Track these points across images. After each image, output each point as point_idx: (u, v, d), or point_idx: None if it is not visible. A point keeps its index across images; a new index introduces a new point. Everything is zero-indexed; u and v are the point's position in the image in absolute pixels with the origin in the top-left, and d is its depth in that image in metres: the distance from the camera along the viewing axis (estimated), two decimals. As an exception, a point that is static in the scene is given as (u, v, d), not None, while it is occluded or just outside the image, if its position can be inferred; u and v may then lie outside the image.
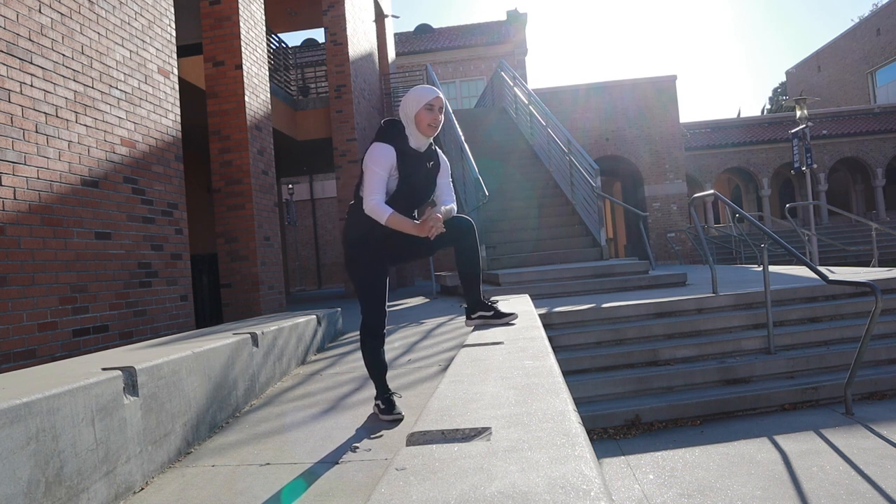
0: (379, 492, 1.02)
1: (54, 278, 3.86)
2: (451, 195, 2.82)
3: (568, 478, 0.99)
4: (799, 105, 13.97)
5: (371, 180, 2.55)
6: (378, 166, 2.55)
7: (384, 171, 2.56)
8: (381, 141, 2.61)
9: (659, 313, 5.61)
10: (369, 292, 2.67)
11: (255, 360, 3.24)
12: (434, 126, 2.62)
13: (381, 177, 2.55)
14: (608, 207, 21.88)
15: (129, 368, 2.12)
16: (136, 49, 4.96)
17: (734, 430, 4.30)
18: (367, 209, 2.55)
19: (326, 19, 11.37)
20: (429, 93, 2.61)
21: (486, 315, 2.97)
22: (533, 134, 11.76)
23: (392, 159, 2.57)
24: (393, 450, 2.22)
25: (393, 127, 2.65)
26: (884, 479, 3.27)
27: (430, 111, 2.60)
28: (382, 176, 2.55)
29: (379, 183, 2.55)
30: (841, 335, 5.37)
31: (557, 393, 1.56)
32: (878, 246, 9.46)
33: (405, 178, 2.62)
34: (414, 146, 2.65)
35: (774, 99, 42.92)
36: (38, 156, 3.79)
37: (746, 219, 5.80)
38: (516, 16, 23.25)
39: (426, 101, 2.60)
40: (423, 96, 2.61)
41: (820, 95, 27.66)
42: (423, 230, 2.46)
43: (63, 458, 1.70)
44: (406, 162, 2.61)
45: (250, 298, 7.07)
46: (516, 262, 8.50)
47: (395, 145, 2.60)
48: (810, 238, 11.70)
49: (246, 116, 7.12)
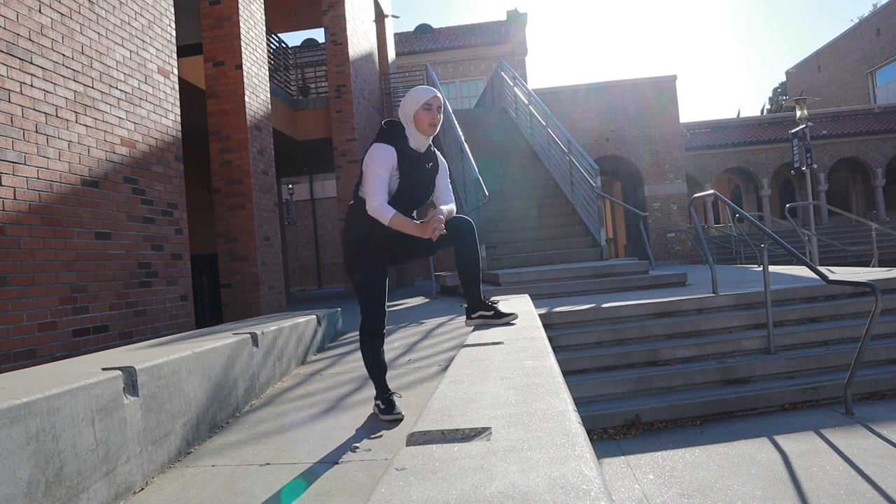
0: (379, 492, 1.02)
1: (54, 278, 3.86)
2: (450, 196, 2.83)
3: (568, 478, 0.99)
4: (799, 105, 13.97)
5: (373, 181, 2.56)
6: (379, 167, 2.56)
7: (385, 172, 2.57)
8: (382, 141, 2.62)
9: (659, 313, 5.61)
10: (369, 292, 2.67)
11: (255, 360, 3.24)
12: (434, 125, 2.63)
13: (383, 177, 2.56)
14: (608, 207, 21.87)
15: (129, 368, 2.12)
16: (136, 49, 4.96)
17: (734, 430, 4.30)
18: (370, 210, 2.55)
19: (326, 19, 11.37)
20: (426, 93, 2.63)
21: (487, 315, 2.97)
22: (533, 134, 11.76)
23: (393, 160, 2.58)
24: (393, 450, 2.22)
25: (393, 128, 2.66)
26: (884, 479, 3.27)
27: (428, 111, 2.61)
28: (384, 176, 2.56)
29: (381, 183, 2.56)
30: (841, 335, 5.37)
31: (557, 393, 1.56)
32: (878, 246, 9.45)
33: (405, 178, 2.63)
34: (414, 147, 2.66)
35: (774, 99, 42.93)
36: (38, 156, 3.79)
37: (746, 219, 5.80)
38: (516, 16, 23.25)
39: (424, 101, 2.61)
40: (421, 96, 2.62)
41: (820, 95, 27.66)
42: (426, 231, 2.47)
43: (63, 458, 1.70)
44: (406, 162, 2.62)
45: (250, 298, 7.06)
46: (516, 262, 8.50)
47: (395, 146, 2.61)
48: (810, 238, 11.70)
49: (246, 116, 7.12)
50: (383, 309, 2.70)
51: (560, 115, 14.49)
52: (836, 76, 28.08)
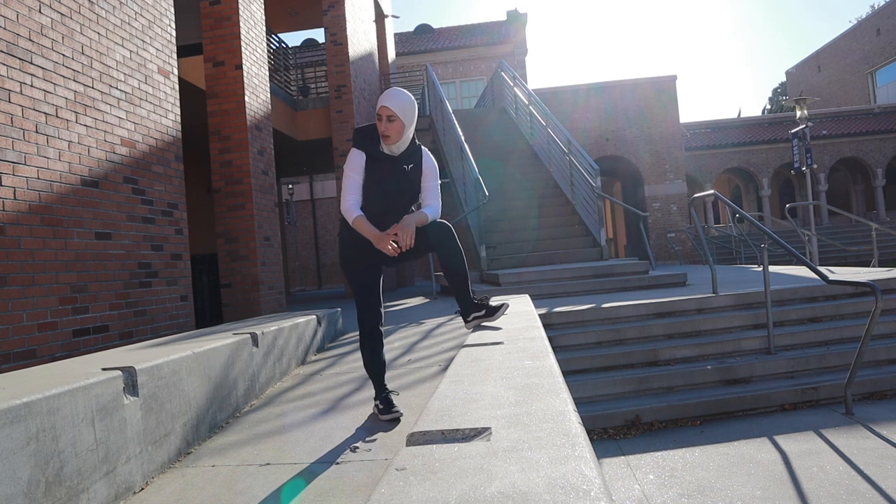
0: (379, 492, 1.02)
1: (54, 278, 3.86)
2: (434, 199, 2.77)
3: (568, 478, 0.99)
4: (799, 105, 13.97)
5: (346, 183, 2.66)
6: (351, 170, 2.64)
7: (357, 175, 2.64)
8: (353, 146, 2.69)
9: (659, 313, 5.61)
10: (363, 292, 2.70)
11: (255, 360, 3.24)
12: (385, 134, 2.60)
13: (355, 180, 2.64)
14: (608, 207, 21.88)
15: (129, 368, 2.12)
16: (136, 49, 4.96)
17: (734, 430, 4.30)
18: (342, 210, 2.65)
19: (326, 19, 11.38)
20: (380, 100, 2.61)
21: (479, 315, 2.98)
22: (533, 134, 11.76)
23: (362, 162, 2.64)
24: (393, 450, 2.22)
25: (361, 133, 2.68)
26: (884, 479, 3.27)
27: (380, 120, 2.61)
28: (356, 179, 2.64)
29: (353, 185, 2.64)
30: (841, 335, 5.37)
31: (557, 393, 1.56)
32: (878, 246, 9.45)
33: (375, 182, 2.65)
34: (387, 151, 2.67)
35: (774, 99, 42.94)
36: (38, 156, 3.79)
37: (746, 219, 5.80)
38: (516, 16, 23.25)
39: (377, 109, 2.61)
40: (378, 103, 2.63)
41: (820, 95, 27.65)
42: (381, 244, 2.51)
43: (63, 459, 1.70)
44: (375, 166, 2.65)
45: (250, 298, 7.07)
46: (516, 262, 8.50)
47: (364, 150, 2.65)
48: (810, 238, 11.70)
49: (246, 116, 7.12)
50: (378, 309, 2.71)
51: (560, 115, 14.50)
52: (836, 76, 28.08)
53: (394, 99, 2.58)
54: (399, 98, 2.59)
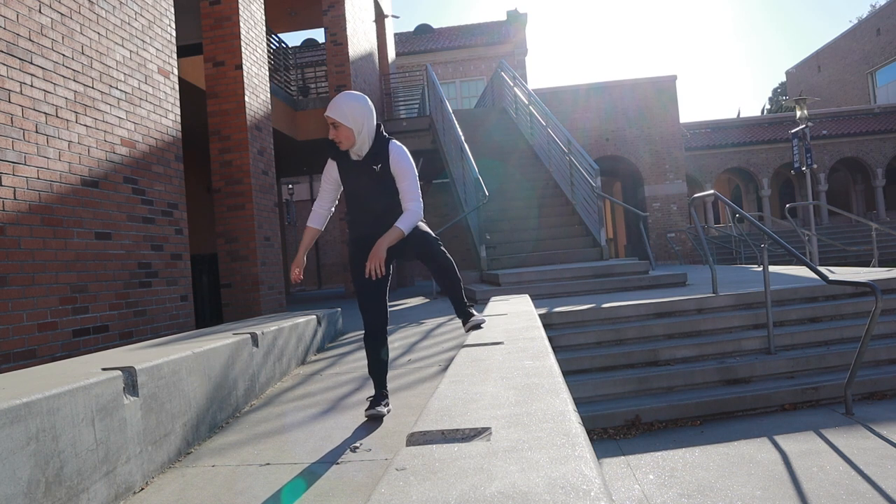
0: (379, 492, 1.02)
1: (54, 278, 3.86)
2: (411, 201, 2.67)
3: (568, 478, 0.99)
4: (799, 105, 13.97)
5: (319, 191, 2.87)
6: (323, 179, 2.82)
7: (328, 184, 2.81)
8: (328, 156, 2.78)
9: (659, 313, 5.61)
10: (363, 292, 2.72)
11: (255, 360, 3.24)
12: (337, 141, 2.63)
13: (324, 188, 2.83)
14: (608, 207, 21.88)
15: (129, 368, 2.12)
16: (136, 49, 4.96)
17: (734, 430, 4.30)
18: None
19: (326, 19, 11.38)
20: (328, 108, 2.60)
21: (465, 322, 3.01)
22: (533, 134, 11.76)
23: (333, 172, 2.77)
24: (393, 450, 2.22)
25: (330, 141, 2.69)
26: (884, 479, 3.27)
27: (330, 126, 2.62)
28: (325, 188, 2.83)
29: (321, 193, 2.85)
30: (841, 335, 5.37)
31: (557, 393, 1.56)
32: (878, 246, 9.45)
33: (352, 187, 2.74)
34: (354, 157, 2.69)
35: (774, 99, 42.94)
36: (38, 156, 3.79)
37: (746, 219, 5.80)
38: (516, 16, 23.25)
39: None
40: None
41: (820, 95, 27.65)
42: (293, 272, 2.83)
43: (63, 459, 1.70)
44: (349, 173, 2.72)
45: (250, 298, 7.07)
46: (516, 262, 8.50)
47: (334, 158, 2.74)
48: (810, 238, 11.70)
49: (246, 116, 7.12)
50: (379, 309, 2.72)
51: (560, 115, 14.50)
52: (836, 76, 28.08)
53: (334, 107, 2.58)
54: (339, 105, 2.57)
